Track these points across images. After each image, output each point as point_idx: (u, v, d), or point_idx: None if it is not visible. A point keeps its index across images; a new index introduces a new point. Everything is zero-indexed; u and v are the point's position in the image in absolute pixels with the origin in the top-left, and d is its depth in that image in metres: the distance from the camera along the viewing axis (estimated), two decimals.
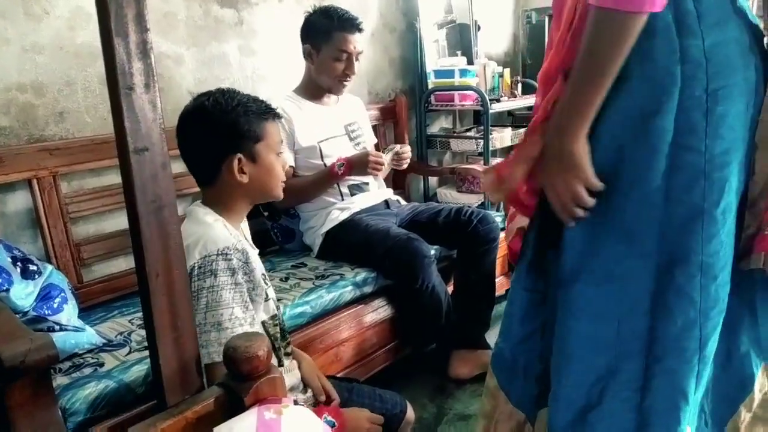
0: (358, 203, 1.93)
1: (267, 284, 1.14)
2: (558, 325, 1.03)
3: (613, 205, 0.95)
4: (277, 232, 2.05)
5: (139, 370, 1.20)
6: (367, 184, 2.01)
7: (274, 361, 1.02)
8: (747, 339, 1.03)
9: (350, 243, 1.82)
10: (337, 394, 1.24)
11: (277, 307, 1.17)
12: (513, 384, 1.14)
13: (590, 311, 1.00)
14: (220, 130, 1.05)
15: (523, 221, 1.13)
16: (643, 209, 0.95)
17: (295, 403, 0.81)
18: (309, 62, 1.95)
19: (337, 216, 1.88)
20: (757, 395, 1.06)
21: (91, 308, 1.63)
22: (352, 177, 1.93)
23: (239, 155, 1.06)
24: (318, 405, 1.17)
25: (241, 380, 0.75)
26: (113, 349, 1.34)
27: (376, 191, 2.05)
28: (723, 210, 0.94)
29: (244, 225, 1.23)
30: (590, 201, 0.95)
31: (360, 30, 1.92)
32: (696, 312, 0.96)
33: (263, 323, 1.09)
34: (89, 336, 1.35)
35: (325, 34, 1.88)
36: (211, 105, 1.06)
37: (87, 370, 1.22)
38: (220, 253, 0.98)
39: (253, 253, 1.11)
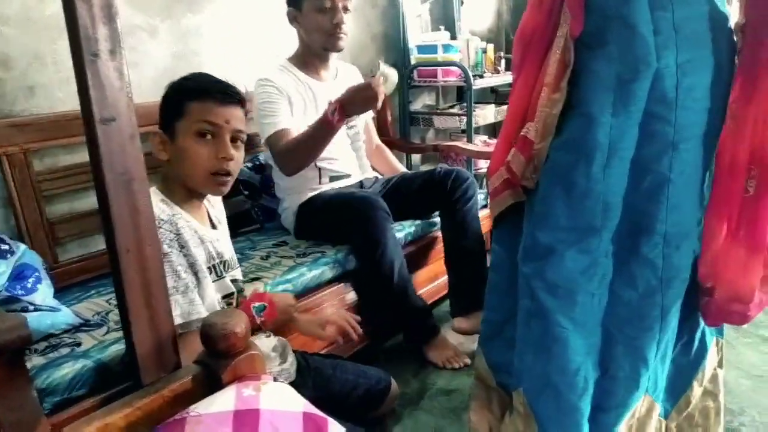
0: (332, 186, 1.90)
1: (233, 267, 1.14)
2: (529, 302, 1.04)
3: (594, 176, 0.96)
4: (258, 211, 2.02)
5: (117, 350, 1.17)
6: (349, 176, 1.95)
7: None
8: None
9: (320, 218, 1.78)
10: (322, 370, 1.24)
11: (239, 289, 1.16)
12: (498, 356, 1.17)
13: (567, 286, 1.01)
14: (161, 105, 1.07)
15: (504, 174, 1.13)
16: (618, 179, 0.97)
17: (275, 380, 0.80)
18: (296, 26, 1.84)
19: (308, 195, 1.84)
20: (708, 370, 1.09)
21: (67, 288, 1.59)
22: (351, 119, 1.84)
23: (158, 131, 1.06)
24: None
25: (218, 357, 0.73)
26: (90, 329, 1.31)
27: (358, 177, 2.00)
28: (687, 180, 0.96)
29: (218, 205, 1.21)
30: None
31: None
32: (657, 280, 0.98)
33: (224, 298, 1.09)
34: (65, 316, 1.32)
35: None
36: (173, 81, 1.08)
37: (64, 350, 1.19)
38: None
39: (210, 233, 1.10)
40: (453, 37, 2.73)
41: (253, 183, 2.01)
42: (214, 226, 1.15)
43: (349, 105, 1.58)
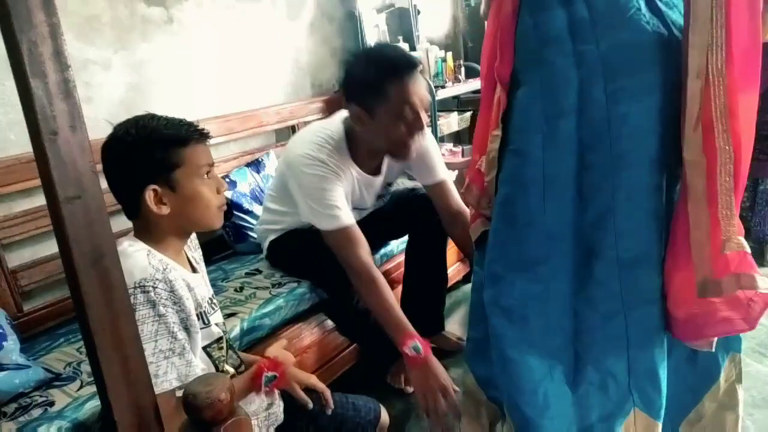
0: None
1: (214, 308, 1.10)
2: (492, 324, 1.06)
3: (533, 208, 0.99)
4: (229, 231, 1.98)
5: (93, 406, 1.14)
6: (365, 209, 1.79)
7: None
8: None
9: (292, 252, 1.71)
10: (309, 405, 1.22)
11: (224, 331, 1.13)
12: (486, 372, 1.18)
13: (519, 311, 1.03)
14: (134, 162, 1.00)
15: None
16: (560, 210, 0.99)
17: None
18: (358, 125, 1.49)
19: (284, 227, 1.73)
20: (723, 385, 1.09)
21: (34, 338, 1.53)
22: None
23: (153, 186, 0.99)
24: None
25: (204, 428, 0.71)
26: (63, 384, 1.26)
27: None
28: (635, 206, 0.96)
29: (194, 242, 1.18)
30: None
31: (419, 67, 1.44)
32: (619, 302, 0.99)
33: (204, 349, 1.05)
34: (35, 372, 1.26)
35: (377, 89, 1.40)
36: (121, 136, 1.00)
37: (36, 412, 1.14)
38: (137, 286, 0.93)
39: (194, 278, 1.06)
40: (412, 47, 2.74)
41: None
42: (194, 269, 1.12)
43: (429, 374, 1.35)
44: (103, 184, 1.81)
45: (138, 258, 0.97)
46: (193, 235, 1.17)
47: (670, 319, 1.00)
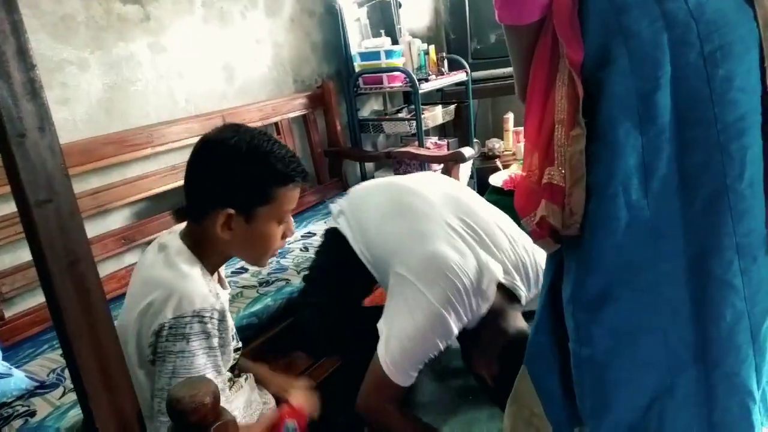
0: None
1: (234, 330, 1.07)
2: (589, 350, 0.91)
3: (634, 205, 0.84)
4: None
5: (76, 415, 1.11)
6: None
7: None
8: None
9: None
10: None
11: (234, 337, 1.10)
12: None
13: (628, 329, 0.89)
14: (230, 176, 0.93)
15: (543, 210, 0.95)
16: (665, 201, 0.84)
17: None
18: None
19: None
20: None
21: (17, 345, 1.50)
22: None
23: (231, 211, 0.93)
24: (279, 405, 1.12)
25: None
26: (46, 392, 1.24)
27: None
28: (750, 182, 0.83)
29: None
30: None
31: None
32: (742, 301, 0.85)
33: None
34: (18, 381, 1.24)
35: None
36: (231, 143, 0.93)
37: (17, 423, 1.12)
38: (195, 314, 0.88)
39: (225, 294, 1.03)
40: (394, 41, 2.72)
41: None
42: (221, 284, 1.07)
43: None
44: (77, 187, 1.77)
45: (198, 281, 0.92)
46: None
47: None
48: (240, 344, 1.10)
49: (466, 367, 1.47)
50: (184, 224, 1.03)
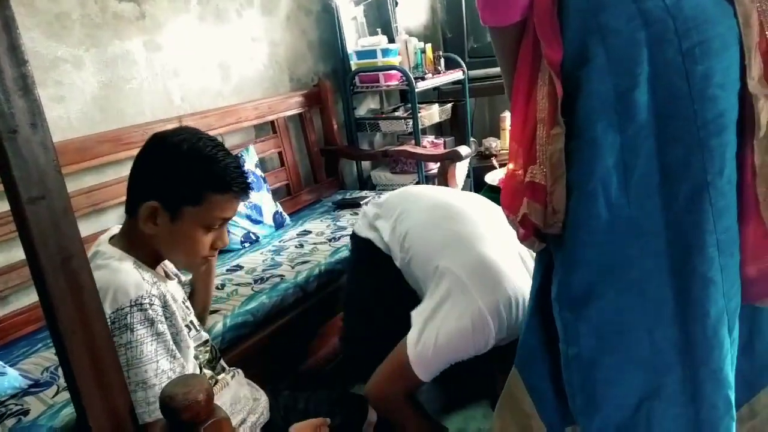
0: None
1: (189, 309, 1.07)
2: (576, 349, 0.92)
3: (615, 203, 0.84)
4: None
5: (69, 414, 1.10)
6: None
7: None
8: None
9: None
10: (294, 405, 1.21)
11: (207, 331, 1.11)
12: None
13: (613, 327, 0.89)
14: (157, 168, 0.94)
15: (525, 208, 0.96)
16: (647, 199, 0.84)
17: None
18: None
19: None
20: None
21: (12, 343, 1.50)
22: None
23: (155, 204, 0.94)
24: None
25: (183, 430, 0.70)
26: (39, 390, 1.23)
27: None
28: (728, 179, 0.84)
29: None
30: None
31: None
32: (721, 296, 0.86)
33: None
34: (12, 379, 1.23)
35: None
36: (173, 141, 0.95)
37: (10, 422, 1.11)
38: (133, 303, 0.88)
39: (173, 286, 1.03)
40: (391, 39, 2.72)
41: None
42: (167, 275, 1.08)
43: None
44: (71, 186, 1.76)
45: (130, 272, 0.92)
46: None
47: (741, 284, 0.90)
48: (208, 336, 1.09)
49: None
50: (117, 228, 1.04)
